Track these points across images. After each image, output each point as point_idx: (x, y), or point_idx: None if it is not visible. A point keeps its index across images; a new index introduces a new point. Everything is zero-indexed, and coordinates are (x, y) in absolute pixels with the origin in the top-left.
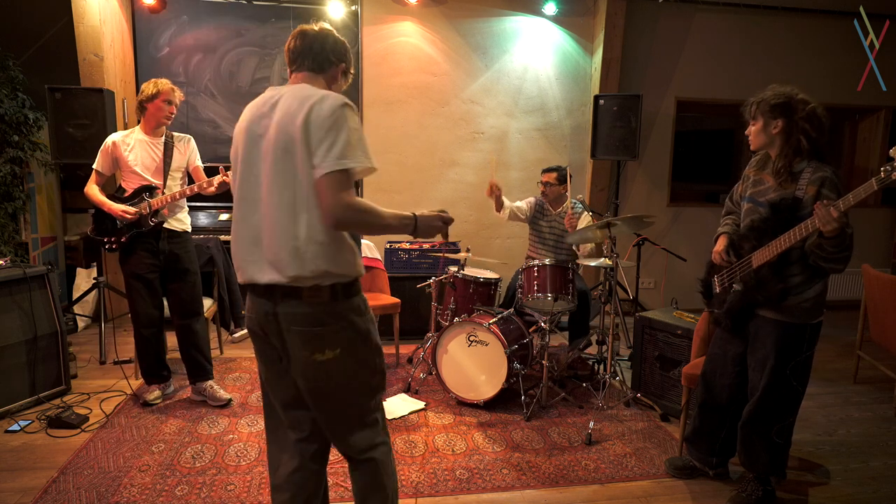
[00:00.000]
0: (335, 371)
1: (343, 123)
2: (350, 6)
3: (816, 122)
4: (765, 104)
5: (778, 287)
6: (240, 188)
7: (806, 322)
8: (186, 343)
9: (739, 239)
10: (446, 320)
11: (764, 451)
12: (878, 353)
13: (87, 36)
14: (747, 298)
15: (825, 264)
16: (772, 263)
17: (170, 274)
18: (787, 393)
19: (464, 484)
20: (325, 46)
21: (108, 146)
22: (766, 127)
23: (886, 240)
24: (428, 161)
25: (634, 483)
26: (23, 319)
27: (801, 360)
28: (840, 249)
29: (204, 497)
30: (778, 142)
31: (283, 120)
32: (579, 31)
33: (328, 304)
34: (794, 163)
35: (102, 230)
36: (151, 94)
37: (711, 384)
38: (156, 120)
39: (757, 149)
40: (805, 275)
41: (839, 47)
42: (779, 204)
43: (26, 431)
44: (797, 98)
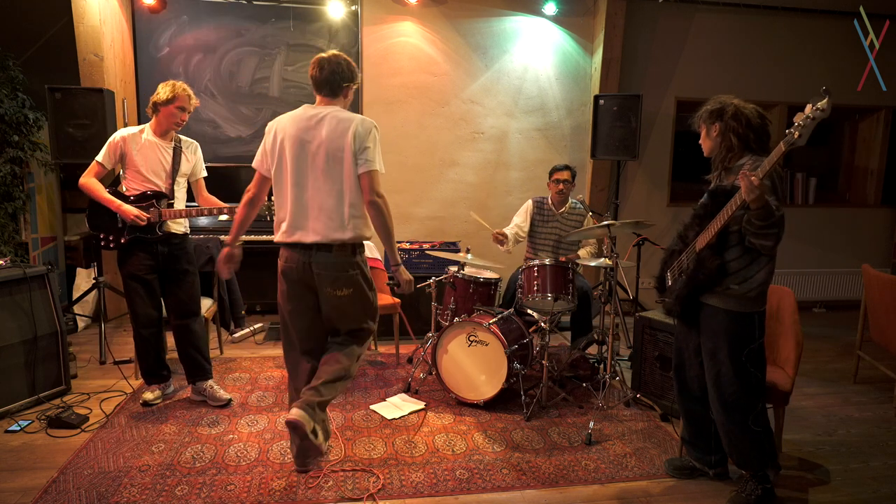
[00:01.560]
0: (349, 301)
1: (375, 140)
2: (350, 6)
3: (743, 119)
4: (704, 112)
5: (715, 263)
6: (292, 176)
7: (753, 310)
8: (184, 343)
9: (685, 229)
10: (446, 320)
11: (748, 443)
12: (878, 353)
13: (87, 36)
14: (692, 281)
15: (756, 241)
16: (711, 244)
17: (168, 275)
18: (748, 381)
19: (464, 484)
20: (335, 76)
21: (117, 141)
22: (708, 133)
23: (886, 240)
24: (428, 161)
25: (634, 483)
26: (23, 319)
27: (754, 347)
28: (767, 225)
29: (204, 497)
30: (717, 143)
31: (332, 135)
32: (579, 31)
33: (349, 256)
34: (730, 159)
35: (98, 225)
36: (167, 98)
37: (682, 378)
38: (167, 124)
39: (708, 154)
40: (745, 258)
41: (839, 47)
42: (715, 190)
43: (26, 431)
44: (729, 102)
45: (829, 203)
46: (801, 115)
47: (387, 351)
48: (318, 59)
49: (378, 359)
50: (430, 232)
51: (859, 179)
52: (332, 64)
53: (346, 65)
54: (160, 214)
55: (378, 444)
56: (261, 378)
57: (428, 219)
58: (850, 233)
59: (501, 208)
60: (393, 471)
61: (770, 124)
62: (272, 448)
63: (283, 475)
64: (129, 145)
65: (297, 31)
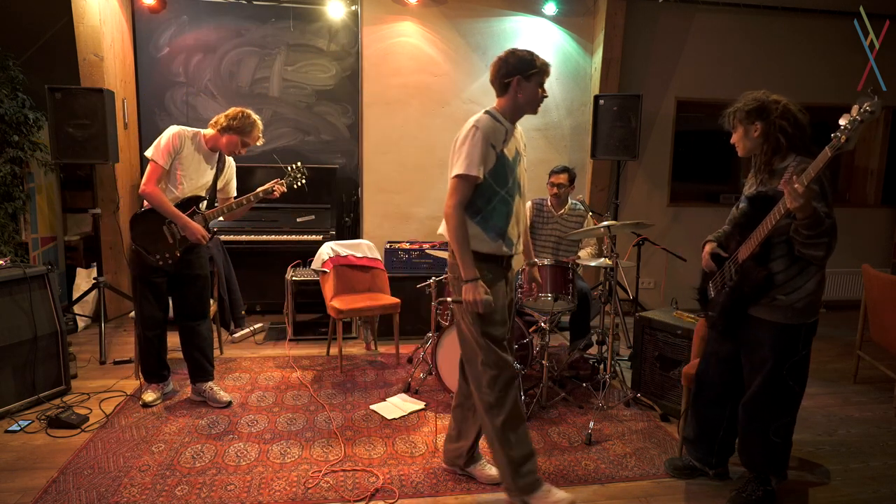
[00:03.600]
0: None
1: (468, 140)
2: (350, 6)
3: (791, 118)
4: (740, 112)
5: (761, 274)
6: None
7: (801, 322)
8: (190, 344)
9: (726, 239)
10: (446, 320)
11: (762, 449)
12: (878, 353)
13: (87, 36)
14: (736, 293)
15: (804, 250)
16: (755, 255)
17: (180, 278)
18: (783, 393)
19: (464, 484)
20: (497, 75)
21: (176, 138)
22: (746, 133)
23: (886, 240)
24: (428, 161)
25: (634, 483)
26: (23, 319)
27: (797, 360)
28: (816, 234)
29: (204, 497)
30: (759, 144)
31: None
32: (579, 31)
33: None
34: (774, 161)
35: (149, 244)
36: (241, 129)
37: (704, 383)
38: (223, 148)
39: (745, 155)
40: (793, 269)
41: (839, 47)
42: (755, 196)
43: (26, 431)
44: (770, 99)
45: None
46: (848, 117)
47: (387, 351)
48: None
49: (378, 359)
50: (430, 232)
51: (859, 179)
52: (494, 65)
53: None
54: (204, 217)
55: (378, 444)
56: (261, 378)
57: (428, 219)
58: (850, 233)
59: None
60: (393, 471)
61: None
62: (272, 448)
63: (283, 475)
64: (186, 145)
65: (297, 31)
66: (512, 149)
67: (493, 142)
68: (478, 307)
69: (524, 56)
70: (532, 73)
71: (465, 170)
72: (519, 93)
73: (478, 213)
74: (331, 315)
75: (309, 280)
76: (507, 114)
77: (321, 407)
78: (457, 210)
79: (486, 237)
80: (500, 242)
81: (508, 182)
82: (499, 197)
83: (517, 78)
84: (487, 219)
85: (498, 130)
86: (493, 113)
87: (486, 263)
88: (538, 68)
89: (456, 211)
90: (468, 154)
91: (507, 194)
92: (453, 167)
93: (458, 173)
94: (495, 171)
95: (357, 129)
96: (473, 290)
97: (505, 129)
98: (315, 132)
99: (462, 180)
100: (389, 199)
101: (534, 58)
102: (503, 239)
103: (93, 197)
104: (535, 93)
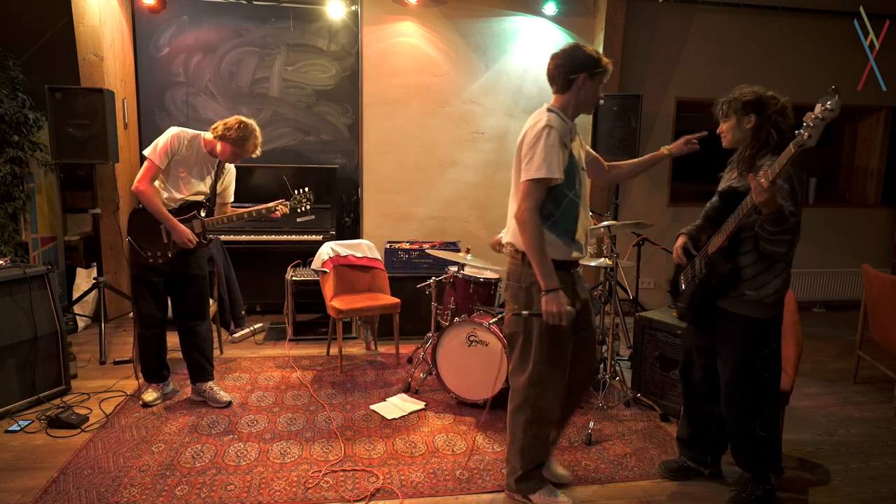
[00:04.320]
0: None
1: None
2: (350, 6)
3: (785, 117)
4: (737, 102)
5: (727, 268)
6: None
7: (770, 316)
8: (189, 345)
9: (698, 232)
10: (446, 320)
11: (752, 446)
12: (878, 353)
13: (87, 36)
14: (704, 286)
15: (768, 246)
16: (723, 249)
17: (178, 278)
18: (759, 385)
19: (464, 484)
20: (562, 70)
21: (175, 139)
22: (739, 123)
23: (886, 240)
24: (428, 161)
25: (634, 483)
26: (23, 319)
27: (768, 352)
28: (779, 231)
29: (204, 497)
30: (748, 136)
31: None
32: (579, 31)
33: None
34: (759, 155)
35: (143, 239)
36: (236, 139)
37: (689, 379)
38: (219, 154)
39: (730, 146)
40: (760, 264)
41: (839, 47)
42: (726, 191)
43: (26, 431)
44: (768, 94)
45: (829, 203)
46: (811, 116)
47: (387, 351)
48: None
49: (378, 359)
50: (430, 232)
51: (859, 179)
52: (555, 58)
53: (572, 55)
54: (203, 224)
55: (378, 444)
56: (261, 378)
57: (428, 219)
58: (850, 233)
59: (501, 208)
60: (393, 471)
61: None
62: (272, 448)
63: (283, 475)
64: (185, 147)
65: (297, 31)
66: (577, 148)
67: (564, 141)
68: (561, 319)
69: (591, 53)
70: (597, 72)
71: (545, 172)
72: (582, 90)
73: (549, 218)
74: (331, 315)
75: (309, 280)
76: (568, 111)
77: (321, 407)
78: (533, 214)
79: (559, 242)
80: (572, 247)
81: (576, 183)
82: (568, 199)
83: (584, 75)
84: (559, 223)
85: (565, 129)
86: (556, 111)
87: (558, 271)
88: (603, 68)
89: (533, 215)
90: (545, 155)
91: (575, 196)
92: (526, 170)
93: (535, 177)
94: (567, 173)
95: (357, 129)
96: (556, 301)
97: (569, 126)
98: (315, 132)
99: (538, 184)
100: (389, 199)
101: (600, 57)
102: (574, 243)
103: (93, 197)
104: (596, 93)
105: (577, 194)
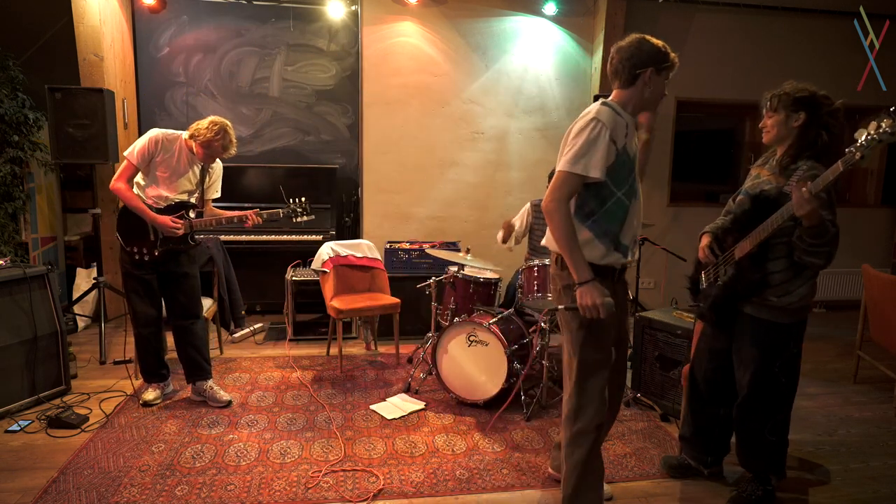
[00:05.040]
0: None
1: (587, 132)
2: (350, 6)
3: (837, 120)
4: (787, 97)
5: (755, 277)
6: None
7: (792, 321)
8: (183, 343)
9: (724, 233)
10: (446, 320)
11: (759, 449)
12: (878, 353)
13: (87, 36)
14: (728, 290)
15: (806, 257)
16: (752, 255)
17: (168, 277)
18: (775, 390)
19: (464, 484)
20: (627, 64)
21: (153, 141)
22: (787, 119)
23: (886, 240)
24: (428, 161)
25: (634, 483)
26: (23, 319)
27: (788, 357)
28: (820, 243)
29: (204, 497)
30: (794, 135)
31: None
32: (579, 31)
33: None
34: (802, 157)
35: (131, 237)
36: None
37: (697, 380)
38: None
39: (771, 142)
40: (789, 272)
41: (839, 47)
42: (758, 196)
43: (26, 431)
44: (821, 93)
45: None
46: (864, 134)
47: (387, 351)
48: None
49: (378, 359)
50: (430, 232)
51: (859, 179)
52: (620, 51)
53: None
54: (191, 225)
55: (378, 444)
56: (261, 378)
57: (428, 219)
58: (850, 233)
59: (501, 208)
60: (393, 471)
61: None
62: (272, 448)
63: (283, 475)
64: (164, 149)
65: (297, 31)
66: (633, 145)
67: (614, 137)
68: (598, 312)
69: (659, 46)
70: (665, 67)
71: (580, 169)
72: (648, 86)
73: (590, 216)
74: (331, 315)
75: (309, 280)
76: (629, 107)
77: (321, 407)
78: (561, 205)
79: (598, 244)
80: (614, 250)
81: (627, 182)
82: (615, 199)
83: (651, 70)
84: (600, 222)
85: (619, 124)
86: (612, 105)
87: (598, 277)
88: (671, 62)
89: (561, 205)
90: (585, 151)
91: (624, 196)
92: (563, 160)
93: (567, 170)
94: (615, 170)
95: (357, 129)
96: (591, 293)
97: (626, 122)
98: (315, 132)
99: (570, 177)
100: (389, 199)
101: (668, 50)
102: (617, 246)
103: (93, 197)
104: (662, 89)
105: (627, 194)
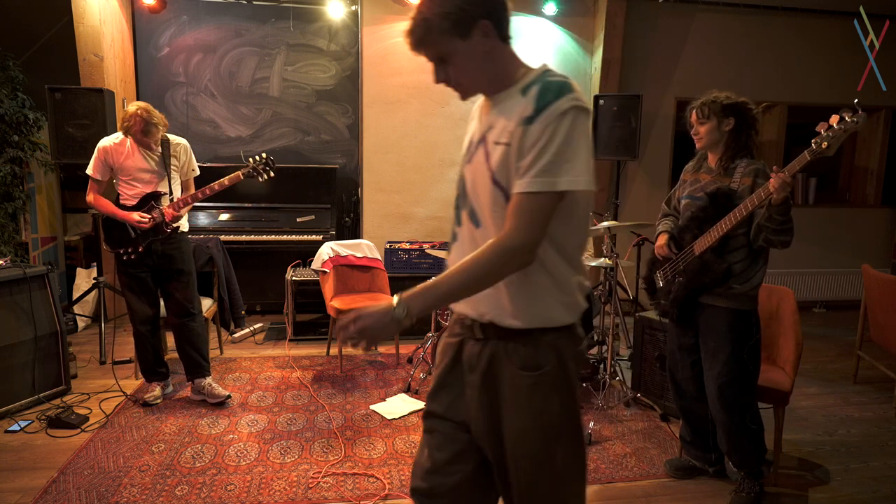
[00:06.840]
0: None
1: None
2: (350, 6)
3: (757, 122)
4: (716, 105)
5: (722, 267)
6: None
7: (751, 308)
8: (182, 340)
9: (680, 232)
10: (446, 320)
11: (747, 441)
12: (878, 353)
13: (87, 36)
14: (692, 285)
15: (775, 237)
16: (714, 248)
17: (164, 274)
18: (746, 377)
19: None
20: None
21: (100, 153)
22: (718, 125)
23: (886, 240)
24: (427, 161)
25: (634, 483)
26: (23, 319)
27: (752, 343)
28: (788, 219)
29: (204, 497)
30: (726, 139)
31: None
32: (579, 31)
33: None
34: (738, 157)
35: (115, 240)
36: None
37: (676, 379)
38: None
39: (704, 147)
40: (748, 260)
41: (839, 47)
42: (716, 193)
43: (26, 431)
44: (741, 100)
45: (829, 203)
46: (825, 126)
47: (387, 351)
48: None
49: (378, 359)
50: (430, 232)
51: (859, 179)
52: None
53: None
54: (163, 214)
55: (378, 444)
56: (261, 378)
57: (428, 219)
58: (850, 233)
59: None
60: (393, 471)
61: None
62: (272, 448)
63: (283, 475)
64: (112, 155)
65: (297, 31)
66: None
67: None
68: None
69: None
70: None
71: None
72: None
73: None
74: (331, 315)
75: (309, 280)
76: None
77: (321, 407)
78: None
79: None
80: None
81: None
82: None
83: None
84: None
85: None
86: None
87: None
88: None
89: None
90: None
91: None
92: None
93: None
94: None
95: (357, 129)
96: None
97: None
98: (315, 132)
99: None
100: (389, 199)
101: None
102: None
103: None
104: None
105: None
